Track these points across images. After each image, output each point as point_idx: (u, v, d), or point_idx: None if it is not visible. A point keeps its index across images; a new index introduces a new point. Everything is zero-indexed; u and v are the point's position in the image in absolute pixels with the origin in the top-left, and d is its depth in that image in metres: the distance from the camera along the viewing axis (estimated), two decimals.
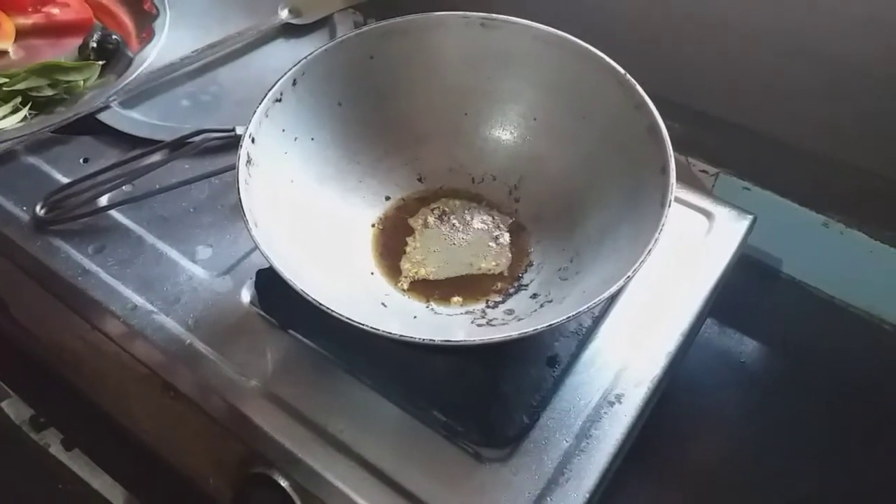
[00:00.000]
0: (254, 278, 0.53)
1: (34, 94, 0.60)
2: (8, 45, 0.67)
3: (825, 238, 0.63)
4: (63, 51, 0.66)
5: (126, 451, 0.59)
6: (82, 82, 0.61)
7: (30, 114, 0.59)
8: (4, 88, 0.59)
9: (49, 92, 0.60)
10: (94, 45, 0.63)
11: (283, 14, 0.76)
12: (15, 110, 0.58)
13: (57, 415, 0.68)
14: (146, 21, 0.67)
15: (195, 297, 0.53)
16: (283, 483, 0.46)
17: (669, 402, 0.54)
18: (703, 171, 0.67)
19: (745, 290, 0.63)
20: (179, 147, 0.62)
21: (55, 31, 0.68)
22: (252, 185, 0.46)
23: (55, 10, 0.69)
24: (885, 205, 0.60)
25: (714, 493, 0.57)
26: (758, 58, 0.60)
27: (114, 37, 0.64)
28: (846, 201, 0.62)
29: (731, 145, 0.65)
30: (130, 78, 0.61)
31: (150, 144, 0.62)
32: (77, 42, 0.65)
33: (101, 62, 0.63)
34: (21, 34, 0.68)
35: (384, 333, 0.39)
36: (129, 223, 0.58)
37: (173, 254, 0.56)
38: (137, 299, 0.53)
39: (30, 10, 0.69)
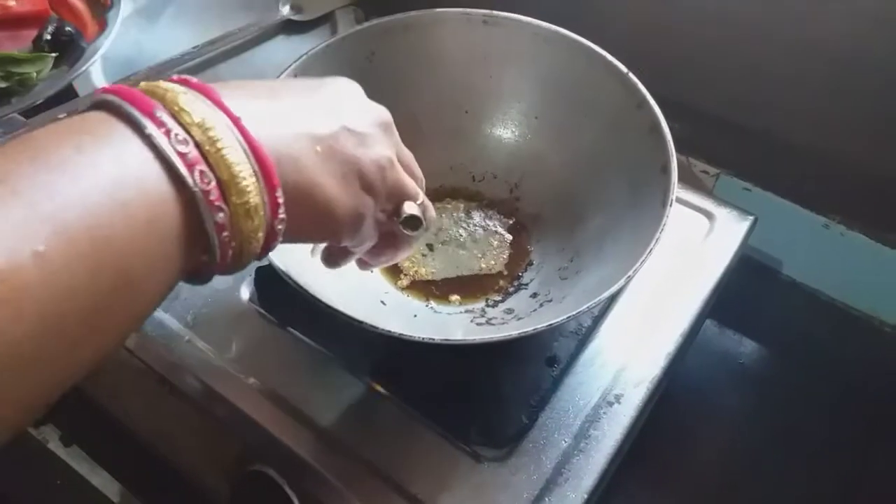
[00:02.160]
0: (253, 275, 0.53)
1: None
2: None
3: (826, 239, 0.63)
4: (21, 43, 0.66)
5: (124, 447, 0.58)
6: (35, 74, 0.61)
7: None
8: None
9: (1, 84, 0.60)
10: (49, 37, 0.63)
11: (285, 10, 0.76)
12: None
13: (55, 411, 0.68)
14: (100, 12, 0.67)
15: (194, 293, 0.53)
16: (281, 481, 0.46)
17: (668, 402, 0.53)
18: (704, 172, 0.67)
19: (745, 292, 0.63)
20: None
21: (12, 23, 0.68)
22: None
23: (11, 3, 0.69)
24: (887, 207, 0.60)
25: (712, 494, 0.56)
26: (760, 58, 0.60)
27: (68, 28, 0.64)
28: (847, 203, 0.62)
29: (732, 146, 0.65)
30: (83, 68, 0.61)
31: None
32: (34, 34, 0.65)
33: (54, 54, 0.63)
34: None
35: (384, 332, 0.39)
36: None
37: None
38: None
39: None
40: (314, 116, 0.31)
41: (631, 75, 0.49)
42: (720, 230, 0.58)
